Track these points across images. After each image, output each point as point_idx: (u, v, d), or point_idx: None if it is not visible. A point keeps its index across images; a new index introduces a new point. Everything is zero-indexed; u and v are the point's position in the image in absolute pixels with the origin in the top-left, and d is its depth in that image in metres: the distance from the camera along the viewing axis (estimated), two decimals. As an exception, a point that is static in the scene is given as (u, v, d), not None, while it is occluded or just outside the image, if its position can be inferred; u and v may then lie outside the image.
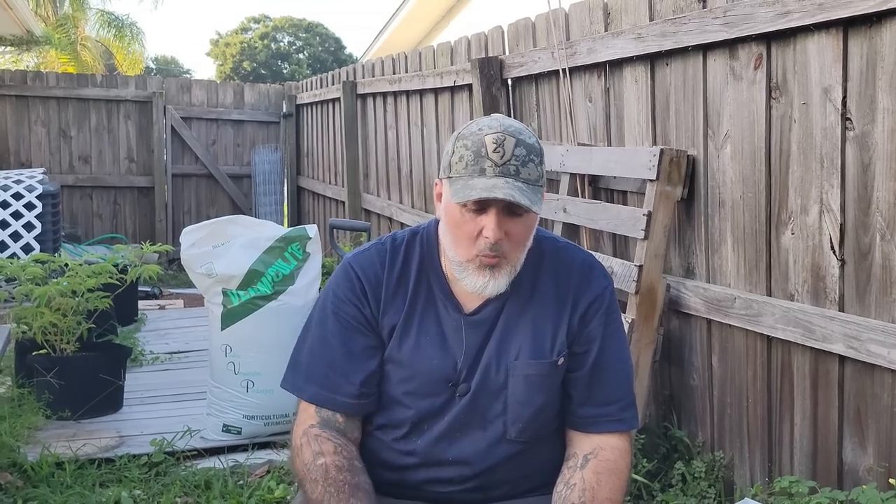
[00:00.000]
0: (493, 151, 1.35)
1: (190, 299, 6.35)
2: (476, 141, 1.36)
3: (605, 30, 3.00)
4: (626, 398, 1.49)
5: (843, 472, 2.16)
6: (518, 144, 1.36)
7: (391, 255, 1.50)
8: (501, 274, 1.40)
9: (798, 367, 2.29)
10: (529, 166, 1.36)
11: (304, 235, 3.37)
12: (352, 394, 1.45)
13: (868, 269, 2.05)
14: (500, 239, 1.36)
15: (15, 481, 2.87)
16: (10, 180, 5.04)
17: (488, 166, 1.34)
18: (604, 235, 3.09)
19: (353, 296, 1.48)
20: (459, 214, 1.38)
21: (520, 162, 1.35)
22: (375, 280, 1.48)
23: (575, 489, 1.39)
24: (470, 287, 1.41)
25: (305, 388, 1.48)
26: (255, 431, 3.29)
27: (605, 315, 1.48)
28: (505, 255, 1.39)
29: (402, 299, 1.48)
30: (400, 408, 1.47)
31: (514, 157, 1.35)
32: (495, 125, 1.38)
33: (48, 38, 12.69)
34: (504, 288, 1.42)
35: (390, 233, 1.56)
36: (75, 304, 3.54)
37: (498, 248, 1.37)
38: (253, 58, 31.50)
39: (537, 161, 1.38)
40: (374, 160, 5.89)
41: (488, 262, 1.39)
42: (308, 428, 1.44)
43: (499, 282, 1.40)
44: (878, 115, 1.99)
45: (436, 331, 1.46)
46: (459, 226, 1.39)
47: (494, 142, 1.35)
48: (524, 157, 1.36)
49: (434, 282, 1.48)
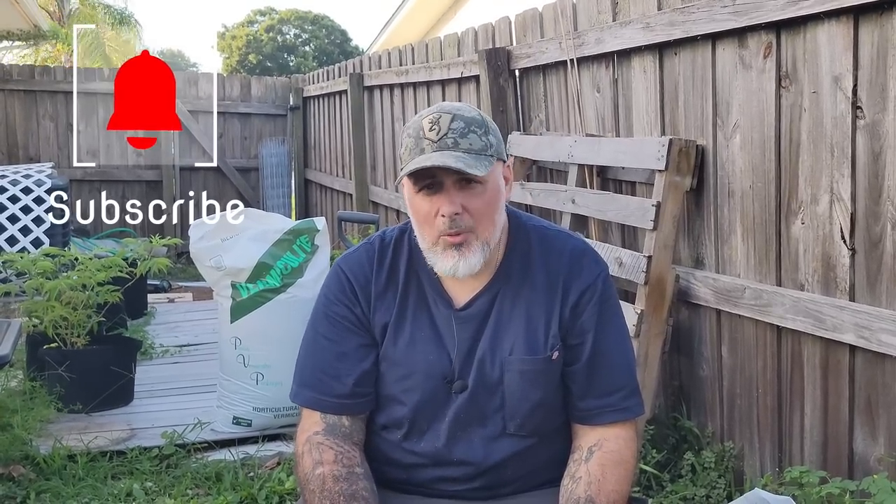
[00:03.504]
0: (429, 131, 1.37)
1: (199, 292, 6.37)
2: (415, 127, 1.40)
3: (613, 19, 2.98)
4: (627, 386, 1.46)
5: (854, 462, 2.16)
6: (455, 119, 1.37)
7: (380, 254, 1.50)
8: (471, 251, 1.38)
9: (808, 357, 2.28)
10: (470, 137, 1.37)
11: (313, 228, 3.38)
12: (344, 394, 1.44)
13: (879, 258, 2.04)
14: (458, 214, 1.36)
15: (28, 474, 2.90)
16: (19, 175, 5.06)
17: (426, 144, 1.36)
18: (612, 226, 3.09)
19: (342, 296, 1.48)
20: (418, 200, 1.39)
21: (457, 134, 1.36)
22: (364, 279, 1.48)
23: (581, 483, 1.38)
24: (442, 270, 1.40)
25: (300, 392, 1.48)
26: (265, 424, 3.30)
27: (598, 304, 1.45)
28: (471, 230, 1.38)
29: (392, 297, 1.47)
30: (398, 406, 1.46)
31: (451, 130, 1.36)
32: (433, 109, 1.41)
33: (55, 33, 12.71)
34: (478, 266, 1.39)
35: (379, 231, 1.56)
36: (85, 298, 3.56)
37: (458, 225, 1.36)
38: (259, 50, 31.47)
39: (480, 132, 1.38)
40: (381, 152, 5.89)
41: (452, 241, 1.37)
42: (312, 435, 1.44)
43: (469, 260, 1.38)
44: (889, 104, 1.98)
45: (429, 327, 1.46)
46: (419, 211, 1.40)
47: (430, 121, 1.38)
48: (462, 130, 1.37)
49: (423, 277, 1.47)
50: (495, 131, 1.43)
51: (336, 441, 1.43)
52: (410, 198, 1.41)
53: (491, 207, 1.40)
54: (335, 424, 1.44)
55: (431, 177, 1.37)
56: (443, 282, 1.47)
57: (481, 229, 1.39)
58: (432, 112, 1.40)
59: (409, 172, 1.36)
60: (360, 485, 1.38)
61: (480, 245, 1.39)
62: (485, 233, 1.39)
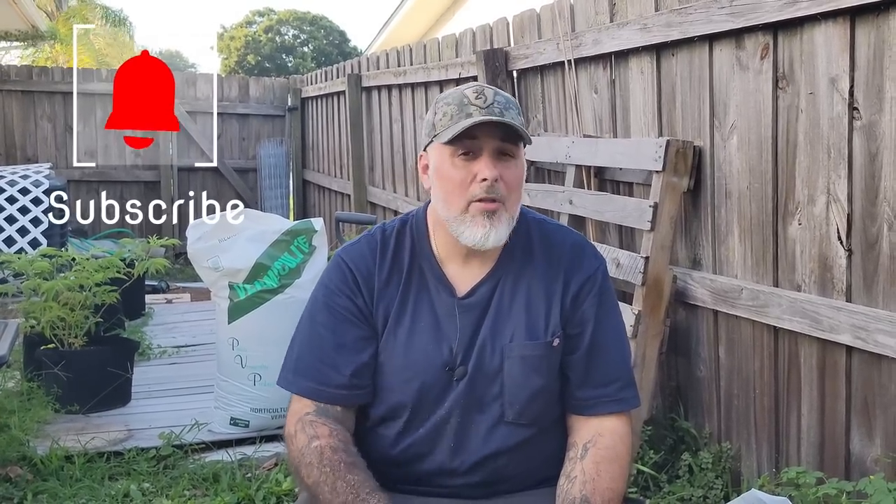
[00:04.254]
0: (475, 99, 1.40)
1: (197, 293, 6.36)
2: (457, 96, 1.42)
3: (611, 21, 2.98)
4: (623, 378, 1.48)
5: (851, 463, 2.16)
6: (497, 94, 1.42)
7: (381, 245, 1.50)
8: (501, 222, 1.40)
9: (805, 358, 2.29)
10: (511, 112, 1.41)
11: (311, 229, 3.38)
12: (342, 384, 1.45)
13: (875, 259, 2.04)
14: (497, 180, 1.38)
15: (25, 475, 2.89)
16: (16, 175, 5.05)
17: (474, 110, 1.39)
18: (610, 227, 3.09)
19: (345, 287, 1.47)
20: (451, 165, 1.40)
21: (502, 106, 1.40)
22: (367, 271, 1.48)
23: (576, 482, 1.38)
24: (469, 239, 1.40)
25: (295, 381, 1.48)
26: (262, 424, 3.30)
27: (597, 296, 1.48)
28: (503, 201, 1.40)
29: (395, 288, 1.47)
30: (399, 396, 1.46)
31: (496, 102, 1.40)
32: (471, 84, 1.44)
33: (53, 33, 12.69)
34: (504, 239, 1.41)
35: (379, 224, 1.56)
36: (83, 299, 3.56)
37: (495, 191, 1.38)
38: (257, 51, 31.47)
39: (516, 111, 1.43)
40: (379, 153, 5.89)
41: (486, 208, 1.38)
42: (303, 416, 1.44)
43: (499, 231, 1.40)
44: (885, 105, 1.98)
45: (430, 316, 1.46)
46: (451, 177, 1.40)
47: (475, 91, 1.41)
48: (505, 103, 1.41)
49: (426, 267, 1.48)
50: None
51: (328, 420, 1.43)
52: (440, 164, 1.42)
53: (520, 183, 1.44)
54: (327, 409, 1.44)
55: (473, 139, 1.38)
56: (445, 270, 1.48)
57: (510, 203, 1.41)
58: (473, 85, 1.43)
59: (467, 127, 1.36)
60: (358, 458, 1.39)
61: (508, 218, 1.42)
62: (512, 207, 1.42)
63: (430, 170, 1.46)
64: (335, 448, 1.38)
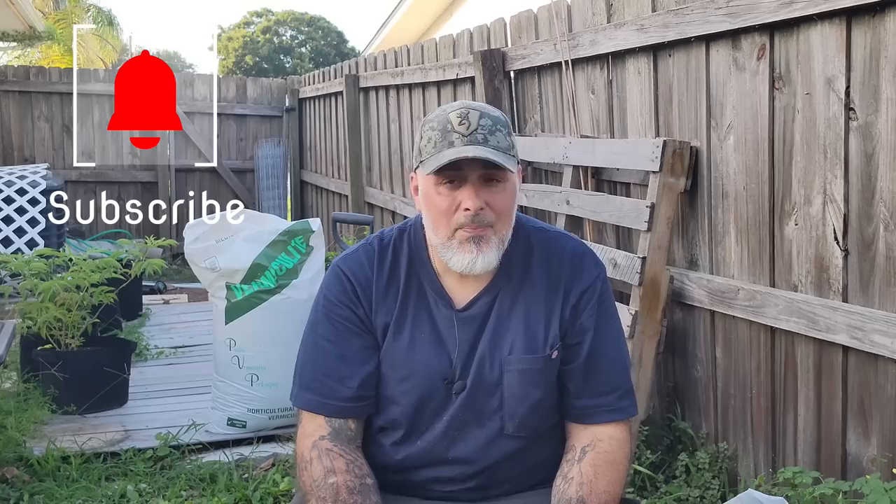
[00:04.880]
0: (458, 125, 1.36)
1: (194, 294, 6.36)
2: (441, 120, 1.39)
3: (608, 21, 2.99)
4: (622, 387, 1.47)
5: (847, 463, 2.16)
6: (483, 116, 1.38)
7: (379, 255, 1.48)
8: (489, 247, 1.38)
9: (802, 358, 2.29)
10: (497, 135, 1.37)
11: (308, 229, 3.38)
12: (348, 397, 1.43)
13: (872, 259, 2.05)
14: (481, 209, 1.36)
15: (21, 475, 2.89)
16: (13, 176, 5.05)
17: (456, 138, 1.36)
18: (607, 227, 3.09)
19: (344, 298, 1.46)
20: (436, 193, 1.38)
21: (487, 131, 1.36)
22: (365, 281, 1.47)
23: (573, 483, 1.38)
24: (457, 266, 1.39)
25: (301, 395, 1.47)
26: (259, 425, 3.30)
27: (597, 305, 1.46)
28: (491, 226, 1.38)
29: (393, 298, 1.46)
30: (397, 408, 1.46)
31: (481, 126, 1.36)
32: (457, 105, 1.41)
33: (51, 34, 12.68)
34: (494, 263, 1.39)
35: (377, 232, 1.55)
36: (80, 299, 3.55)
37: (480, 220, 1.36)
38: (255, 52, 31.46)
39: (504, 132, 1.39)
40: (376, 154, 5.89)
41: (471, 234, 1.37)
42: (318, 440, 1.41)
43: (487, 256, 1.38)
44: (881, 106, 1.98)
45: (429, 328, 1.45)
46: (437, 204, 1.38)
47: (459, 116, 1.37)
48: (490, 127, 1.37)
49: (424, 278, 1.47)
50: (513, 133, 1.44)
51: (345, 448, 1.41)
52: (426, 190, 1.40)
53: (510, 206, 1.41)
54: (341, 429, 1.43)
55: (457, 170, 1.36)
56: (444, 282, 1.46)
57: (499, 226, 1.39)
58: (458, 107, 1.39)
59: (445, 164, 1.34)
60: (372, 499, 1.37)
61: (498, 241, 1.39)
62: (502, 230, 1.40)
63: (419, 194, 1.44)
64: (351, 489, 1.35)
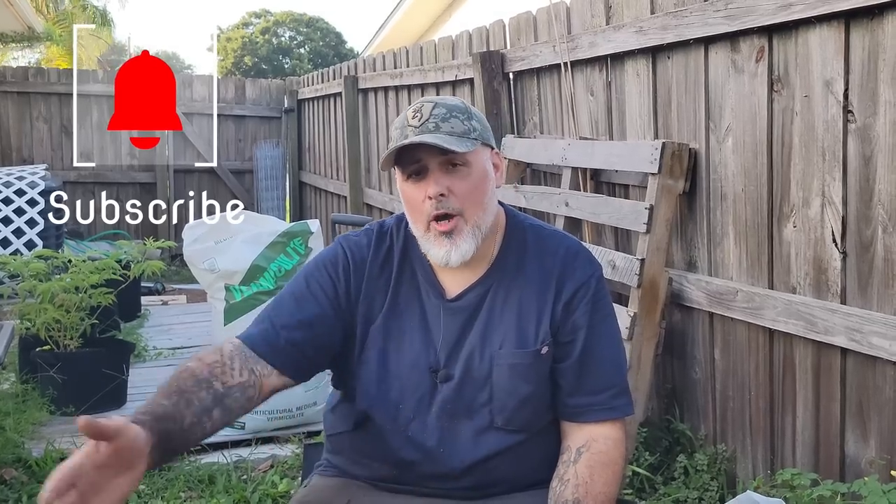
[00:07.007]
0: (412, 118, 1.41)
1: (193, 295, 6.36)
2: (401, 118, 1.44)
3: (607, 23, 2.99)
4: (617, 385, 1.47)
5: (845, 465, 2.17)
6: (437, 106, 1.41)
7: (378, 239, 1.52)
8: (462, 237, 1.40)
9: (800, 360, 2.29)
10: (452, 121, 1.39)
11: (307, 230, 3.38)
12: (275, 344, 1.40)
13: (870, 261, 2.05)
14: (443, 195, 1.38)
15: (20, 477, 2.89)
16: (12, 177, 5.05)
17: (410, 131, 1.39)
18: (606, 229, 3.09)
19: (332, 268, 1.48)
20: (407, 188, 1.42)
21: (439, 119, 1.39)
22: (361, 260, 1.49)
23: (569, 485, 1.38)
24: (435, 259, 1.43)
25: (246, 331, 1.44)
26: (258, 426, 3.30)
27: (591, 303, 1.46)
28: (460, 214, 1.39)
29: (385, 282, 1.48)
30: (384, 395, 1.46)
31: (433, 115, 1.40)
32: (416, 103, 1.44)
33: (49, 34, 12.68)
34: (470, 253, 1.40)
35: (379, 220, 1.57)
36: (78, 300, 3.55)
37: (445, 206, 1.38)
38: (254, 53, 31.46)
39: (462, 117, 1.41)
40: (375, 155, 5.89)
41: (442, 229, 1.39)
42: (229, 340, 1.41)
43: (461, 247, 1.40)
44: (879, 108, 1.99)
45: (419, 316, 1.46)
46: (409, 199, 1.42)
47: (413, 110, 1.42)
48: (444, 115, 1.40)
49: (418, 267, 1.49)
50: (480, 119, 1.45)
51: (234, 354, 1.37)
52: (400, 186, 1.44)
53: (478, 190, 1.41)
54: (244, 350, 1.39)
55: (416, 161, 1.39)
56: (436, 272, 1.48)
57: (469, 213, 1.40)
58: (416, 103, 1.44)
59: (389, 154, 1.39)
60: (201, 395, 1.30)
61: (471, 230, 1.40)
62: (474, 216, 1.40)
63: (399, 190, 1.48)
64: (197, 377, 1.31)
